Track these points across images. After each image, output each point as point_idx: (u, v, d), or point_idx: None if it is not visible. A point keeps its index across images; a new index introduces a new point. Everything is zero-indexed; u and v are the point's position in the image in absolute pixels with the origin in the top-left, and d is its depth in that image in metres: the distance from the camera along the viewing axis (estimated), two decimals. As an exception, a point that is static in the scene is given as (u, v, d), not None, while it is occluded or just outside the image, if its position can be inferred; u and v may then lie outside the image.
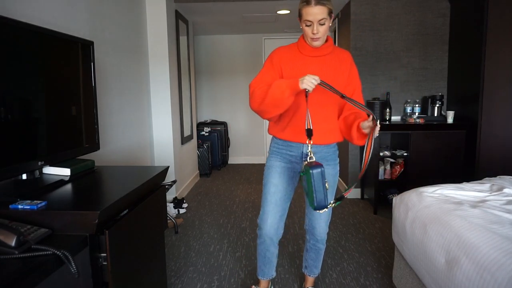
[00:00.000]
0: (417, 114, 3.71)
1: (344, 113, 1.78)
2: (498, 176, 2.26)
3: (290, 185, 1.85)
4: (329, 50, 1.73)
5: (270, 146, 1.90)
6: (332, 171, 1.85)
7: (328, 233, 2.17)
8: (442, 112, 3.71)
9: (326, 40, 1.72)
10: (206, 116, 6.27)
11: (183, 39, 4.39)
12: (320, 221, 1.99)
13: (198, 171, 5.25)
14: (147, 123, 3.62)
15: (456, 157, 3.43)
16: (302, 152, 1.77)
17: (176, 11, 4.06)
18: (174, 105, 3.91)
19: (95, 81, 1.85)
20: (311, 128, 1.55)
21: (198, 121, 6.02)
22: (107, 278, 1.18)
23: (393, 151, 3.66)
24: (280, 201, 1.82)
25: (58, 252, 0.97)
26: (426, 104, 3.78)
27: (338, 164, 1.91)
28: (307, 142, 1.54)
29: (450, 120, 3.49)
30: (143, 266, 1.51)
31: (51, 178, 1.53)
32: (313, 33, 1.61)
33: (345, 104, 1.74)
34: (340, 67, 1.73)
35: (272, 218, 1.82)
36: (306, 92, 1.54)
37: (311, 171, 1.42)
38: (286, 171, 1.81)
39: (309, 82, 1.48)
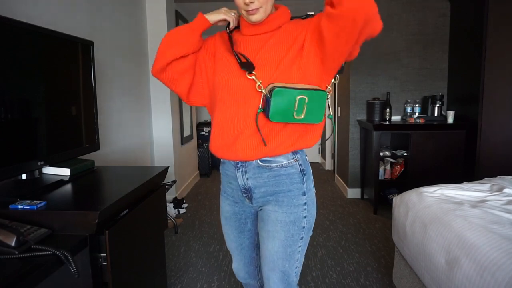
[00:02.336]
0: (417, 114, 3.71)
1: None
2: (498, 176, 2.26)
3: (245, 234, 1.33)
4: (277, 24, 1.18)
5: None
6: (284, 216, 1.17)
7: (328, 235, 2.10)
8: (442, 112, 3.71)
9: (275, 9, 1.21)
10: (206, 116, 6.26)
11: (183, 39, 4.38)
12: (271, 273, 1.23)
13: (198, 171, 5.25)
14: (147, 123, 3.62)
15: (456, 157, 3.43)
16: (239, 184, 1.21)
17: (176, 11, 4.06)
18: (174, 105, 3.91)
19: (95, 81, 1.85)
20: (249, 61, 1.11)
21: (198, 121, 6.02)
22: (107, 278, 1.18)
23: (393, 151, 3.66)
24: (237, 250, 1.37)
25: (58, 252, 0.97)
26: (426, 104, 3.78)
27: (309, 204, 1.19)
28: (248, 75, 1.10)
29: (450, 120, 3.49)
30: (143, 266, 1.51)
31: (51, 178, 1.53)
32: (246, 3, 1.10)
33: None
34: (295, 41, 1.13)
35: (236, 264, 1.40)
36: (227, 28, 1.21)
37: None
38: (233, 217, 1.30)
39: (226, 12, 1.18)
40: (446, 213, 1.64)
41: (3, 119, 1.27)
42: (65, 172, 1.59)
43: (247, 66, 1.11)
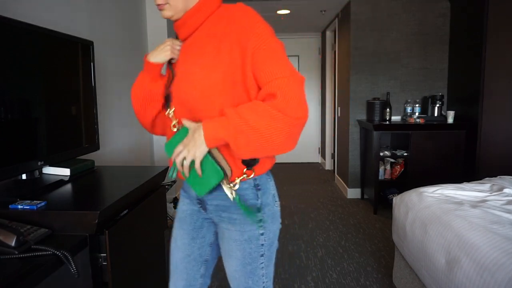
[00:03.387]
0: (417, 114, 3.71)
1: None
2: (498, 176, 2.26)
3: (197, 241, 1.15)
4: (199, 19, 1.00)
5: None
6: (237, 235, 1.06)
7: (328, 235, 2.09)
8: (442, 112, 3.71)
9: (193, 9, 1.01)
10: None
11: (183, 39, 4.39)
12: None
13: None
14: (147, 123, 3.61)
15: (456, 157, 3.43)
16: (192, 195, 1.14)
17: (176, 11, 4.05)
18: (174, 105, 3.90)
19: (95, 81, 1.85)
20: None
21: (198, 121, 6.02)
22: (107, 278, 1.18)
23: (393, 151, 3.66)
24: (181, 264, 1.16)
25: (57, 252, 0.97)
26: (426, 104, 3.78)
27: (265, 221, 1.07)
28: (168, 112, 1.05)
29: (450, 120, 3.49)
30: (143, 266, 1.51)
31: (51, 178, 1.53)
32: None
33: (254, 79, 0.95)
34: (220, 38, 0.94)
35: (173, 286, 1.19)
36: (169, 64, 1.10)
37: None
38: (188, 218, 1.15)
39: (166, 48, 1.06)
40: (446, 213, 1.64)
41: (3, 119, 1.27)
42: (65, 172, 1.59)
43: (167, 101, 1.06)
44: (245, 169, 1.00)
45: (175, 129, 1.04)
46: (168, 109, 1.06)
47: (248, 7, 0.96)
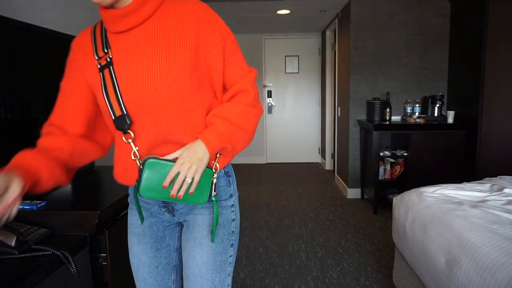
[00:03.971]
0: (417, 114, 3.71)
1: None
2: (498, 176, 2.26)
3: (162, 251, 1.08)
4: (151, 7, 0.88)
5: None
6: (211, 219, 1.01)
7: (328, 235, 2.09)
8: (442, 112, 3.71)
9: None
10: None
11: (183, 39, 4.38)
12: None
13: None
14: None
15: (456, 157, 3.43)
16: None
17: (176, 11, 4.05)
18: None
19: (95, 81, 1.84)
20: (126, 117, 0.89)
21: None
22: (107, 278, 1.18)
23: (393, 151, 3.66)
24: (150, 278, 1.08)
25: (57, 252, 0.97)
26: (426, 104, 3.78)
27: (235, 207, 1.06)
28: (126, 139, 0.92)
29: (450, 120, 3.49)
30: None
31: (51, 178, 1.53)
32: None
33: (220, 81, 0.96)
34: (179, 33, 0.88)
35: None
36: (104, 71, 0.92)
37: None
38: (147, 231, 1.05)
39: None
40: (446, 213, 1.64)
41: (3, 119, 1.27)
42: (65, 172, 1.59)
43: (122, 123, 0.89)
44: (215, 160, 0.97)
45: (134, 158, 0.92)
46: (124, 135, 0.92)
47: (205, 4, 0.92)
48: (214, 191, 0.96)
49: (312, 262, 2.58)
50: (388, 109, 3.65)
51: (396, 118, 3.86)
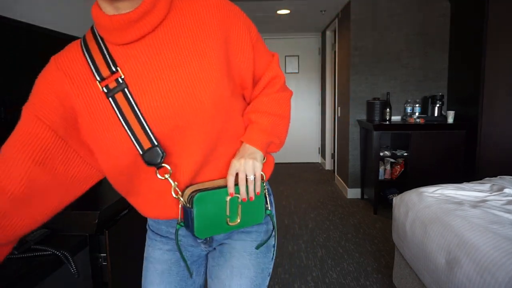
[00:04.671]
0: (417, 114, 3.71)
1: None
2: (498, 176, 2.26)
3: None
4: (163, 9, 0.71)
5: None
6: (253, 246, 0.89)
7: (328, 235, 2.08)
8: (442, 112, 3.71)
9: None
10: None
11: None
12: None
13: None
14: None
15: (456, 157, 3.43)
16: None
17: (176, 11, 4.05)
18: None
19: (95, 81, 1.84)
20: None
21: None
22: (107, 278, 1.18)
23: (393, 151, 3.66)
24: None
25: (57, 252, 0.97)
26: (426, 104, 3.78)
27: (275, 229, 0.92)
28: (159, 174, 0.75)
29: (450, 120, 3.49)
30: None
31: (51, 178, 1.53)
32: None
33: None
34: (201, 32, 0.73)
35: None
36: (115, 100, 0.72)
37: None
38: (174, 267, 0.90)
39: None
40: (446, 213, 1.64)
41: (3, 119, 1.27)
42: (65, 172, 1.59)
43: (154, 156, 0.72)
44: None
45: (176, 196, 0.77)
46: (158, 171, 0.75)
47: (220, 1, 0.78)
48: (267, 203, 0.86)
49: (312, 262, 2.58)
50: (388, 109, 3.65)
51: (396, 118, 3.86)
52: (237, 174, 0.79)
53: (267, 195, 0.86)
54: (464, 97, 3.49)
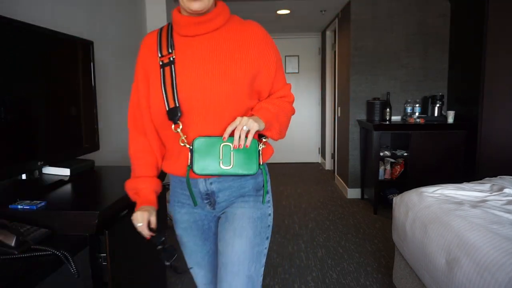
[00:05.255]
0: (417, 114, 3.71)
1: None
2: (498, 176, 2.26)
3: (210, 239, 1.20)
4: (221, 21, 1.05)
5: None
6: (251, 212, 1.10)
7: (328, 235, 2.09)
8: (443, 112, 3.71)
9: (215, 5, 1.06)
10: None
11: (183, 39, 4.38)
12: None
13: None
14: (147, 123, 3.61)
15: (456, 157, 3.43)
16: (200, 191, 1.09)
17: (176, 11, 4.05)
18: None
19: (95, 81, 1.85)
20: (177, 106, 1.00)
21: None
22: (107, 278, 1.18)
23: (393, 151, 3.66)
24: (203, 261, 1.22)
25: (57, 252, 0.97)
26: (426, 104, 3.78)
27: (271, 203, 1.17)
28: (175, 127, 1.02)
29: (450, 120, 3.49)
30: (143, 266, 1.51)
31: (50, 178, 1.53)
32: None
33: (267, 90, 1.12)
34: (242, 46, 1.05)
35: (204, 279, 1.25)
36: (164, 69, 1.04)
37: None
38: (193, 225, 1.17)
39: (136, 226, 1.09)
40: (446, 213, 1.64)
41: (3, 119, 1.27)
42: (65, 172, 1.59)
43: (174, 114, 1.01)
44: (261, 144, 1.07)
45: (182, 144, 1.02)
46: (174, 125, 1.02)
47: (261, 26, 1.11)
48: (260, 161, 1.04)
49: (312, 262, 2.58)
50: (388, 109, 3.65)
51: (396, 118, 3.86)
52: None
53: (260, 150, 1.04)
54: (464, 97, 3.49)
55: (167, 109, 1.01)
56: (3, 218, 1.10)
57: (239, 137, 0.95)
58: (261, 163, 1.04)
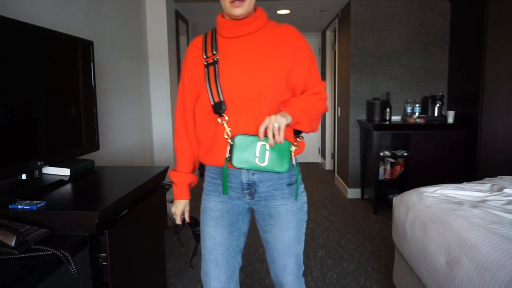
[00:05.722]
0: (417, 114, 3.71)
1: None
2: (498, 176, 2.26)
3: (235, 234, 1.28)
4: (260, 23, 1.19)
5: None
6: (293, 206, 1.26)
7: (328, 235, 2.10)
8: (443, 112, 3.71)
9: (255, 10, 1.20)
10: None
11: (183, 39, 4.39)
12: (287, 274, 1.35)
13: (198, 171, 5.25)
14: (147, 123, 3.62)
15: (456, 157, 3.43)
16: (242, 181, 1.21)
17: (176, 11, 4.05)
18: (174, 105, 3.90)
19: (95, 81, 1.85)
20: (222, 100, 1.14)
21: (198, 121, 6.02)
22: (107, 278, 1.18)
23: (394, 151, 3.66)
24: (222, 258, 1.26)
25: (57, 252, 0.97)
26: (426, 104, 3.78)
27: (305, 191, 1.33)
28: (220, 120, 1.15)
29: (450, 120, 3.49)
30: (143, 266, 1.51)
31: (50, 178, 1.53)
32: None
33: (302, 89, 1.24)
34: (279, 45, 1.18)
35: (216, 282, 1.27)
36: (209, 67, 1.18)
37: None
38: (225, 215, 1.26)
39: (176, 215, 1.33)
40: (446, 213, 1.64)
41: (3, 119, 1.27)
42: (65, 172, 1.59)
43: (219, 107, 1.14)
44: (294, 143, 1.21)
45: (226, 137, 1.14)
46: (219, 118, 1.15)
47: (296, 29, 1.26)
48: (294, 161, 1.20)
49: (312, 262, 2.58)
50: (388, 109, 3.65)
51: (396, 118, 3.86)
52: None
53: (293, 152, 1.18)
54: (464, 97, 3.49)
55: (213, 103, 1.14)
56: (3, 218, 1.10)
57: (273, 135, 1.07)
58: (293, 163, 1.20)
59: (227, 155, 1.14)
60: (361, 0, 3.82)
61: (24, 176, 1.49)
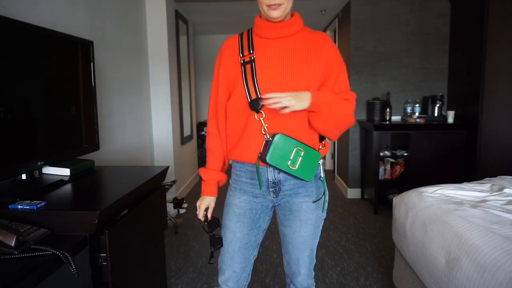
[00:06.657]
0: (417, 114, 3.71)
1: None
2: (498, 176, 2.26)
3: (254, 231, 1.33)
4: (297, 28, 1.24)
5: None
6: (313, 204, 1.31)
7: (328, 235, 2.09)
8: (443, 112, 3.71)
9: (292, 15, 1.26)
10: (206, 116, 6.25)
11: (183, 39, 4.39)
12: (300, 266, 1.37)
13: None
14: (147, 123, 3.62)
15: (456, 157, 3.43)
16: (268, 179, 1.26)
17: (176, 11, 4.05)
18: (174, 105, 3.90)
19: (94, 81, 1.84)
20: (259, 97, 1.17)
21: (198, 121, 6.02)
22: (107, 278, 1.18)
23: (393, 151, 3.66)
24: (239, 252, 1.32)
25: (57, 252, 0.97)
26: (426, 104, 3.78)
27: (326, 189, 1.32)
28: (257, 116, 1.18)
29: (450, 120, 3.49)
30: (143, 266, 1.51)
31: (50, 178, 1.53)
32: None
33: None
34: (314, 50, 1.23)
35: (230, 271, 1.35)
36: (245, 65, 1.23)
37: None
38: (247, 212, 1.30)
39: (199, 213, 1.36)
40: (446, 213, 1.64)
41: (3, 119, 1.27)
42: (65, 172, 1.59)
43: (256, 104, 1.17)
44: (320, 146, 1.28)
45: (264, 133, 1.18)
46: (256, 114, 1.19)
47: (329, 36, 1.31)
48: (323, 172, 1.27)
49: (312, 262, 2.58)
50: (388, 109, 3.65)
51: (396, 118, 3.86)
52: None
53: (321, 164, 1.24)
54: (464, 97, 3.49)
55: (249, 100, 1.17)
56: (3, 218, 1.10)
57: (275, 102, 1.12)
58: (322, 176, 1.28)
59: (261, 150, 1.18)
60: (361, 0, 3.82)
61: (24, 176, 1.49)
